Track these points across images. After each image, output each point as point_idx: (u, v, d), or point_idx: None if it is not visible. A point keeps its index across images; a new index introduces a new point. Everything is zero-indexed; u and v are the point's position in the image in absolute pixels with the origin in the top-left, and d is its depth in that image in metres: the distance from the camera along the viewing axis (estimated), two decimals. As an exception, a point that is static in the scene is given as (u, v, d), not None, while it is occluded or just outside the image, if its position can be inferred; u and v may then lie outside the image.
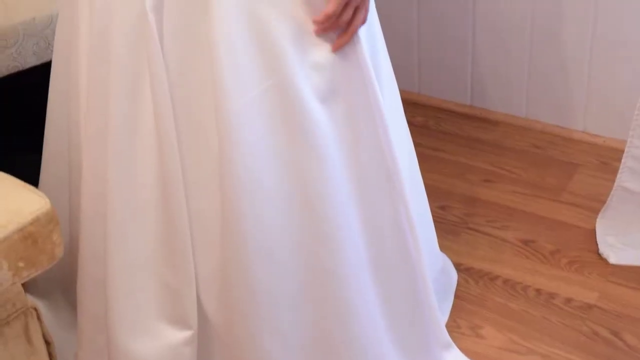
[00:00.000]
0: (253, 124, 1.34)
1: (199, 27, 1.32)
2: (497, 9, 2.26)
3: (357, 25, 1.34)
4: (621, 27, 2.13)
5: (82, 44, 1.42)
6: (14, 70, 1.95)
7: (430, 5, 2.34)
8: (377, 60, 1.46)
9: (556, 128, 2.32)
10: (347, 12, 1.33)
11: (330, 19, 1.32)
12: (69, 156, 1.56)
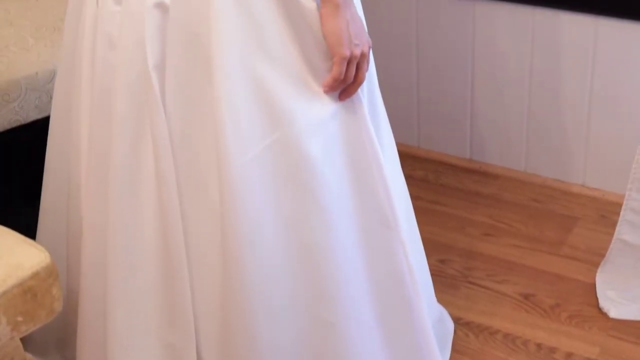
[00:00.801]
0: (255, 180, 1.35)
1: (200, 86, 1.33)
2: (495, 64, 2.28)
3: (361, 78, 1.36)
4: (619, 81, 2.14)
5: (83, 100, 1.43)
6: (15, 124, 1.96)
7: (429, 59, 2.37)
8: (375, 113, 1.48)
9: (555, 182, 2.33)
10: (351, 70, 1.34)
11: (337, 80, 1.34)
12: (68, 210, 1.56)
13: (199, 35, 1.31)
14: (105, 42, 1.37)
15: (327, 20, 1.30)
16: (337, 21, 1.30)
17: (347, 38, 1.31)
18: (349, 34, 1.31)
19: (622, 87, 2.15)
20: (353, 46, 1.32)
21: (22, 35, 2.01)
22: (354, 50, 1.32)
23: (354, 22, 1.32)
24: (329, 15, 1.30)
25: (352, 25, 1.31)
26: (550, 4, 2.13)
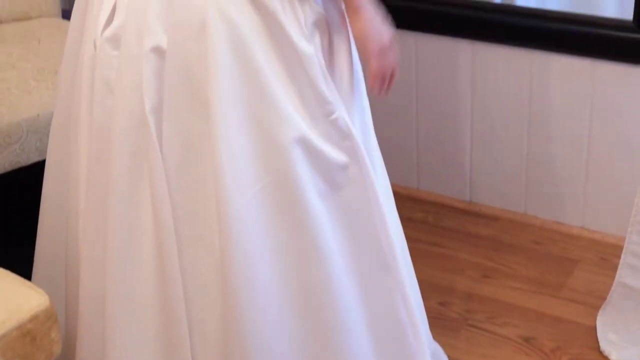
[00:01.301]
0: (253, 220, 1.35)
1: (197, 128, 1.34)
2: (494, 105, 2.29)
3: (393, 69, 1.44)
4: (617, 123, 2.15)
5: (81, 144, 1.44)
6: (16, 166, 1.97)
7: (428, 100, 2.38)
8: (369, 153, 1.48)
9: (555, 224, 2.33)
10: (386, 61, 1.42)
11: (377, 77, 1.42)
12: (66, 253, 1.56)
13: (195, 78, 1.32)
14: (103, 86, 1.37)
15: (352, 24, 1.39)
16: (360, 23, 1.38)
17: (373, 34, 1.39)
18: (373, 30, 1.39)
19: (620, 129, 2.16)
20: (380, 40, 1.40)
21: (24, 78, 2.03)
22: (382, 42, 1.40)
23: (376, 20, 1.40)
24: (353, 20, 1.39)
25: (374, 23, 1.39)
26: (548, 47, 2.15)
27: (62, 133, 1.52)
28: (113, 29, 1.34)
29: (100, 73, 1.36)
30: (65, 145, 1.51)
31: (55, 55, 2.12)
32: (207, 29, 1.29)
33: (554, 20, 2.12)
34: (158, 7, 1.30)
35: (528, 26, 2.15)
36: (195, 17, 1.29)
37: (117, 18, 1.34)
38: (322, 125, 1.37)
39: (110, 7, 1.35)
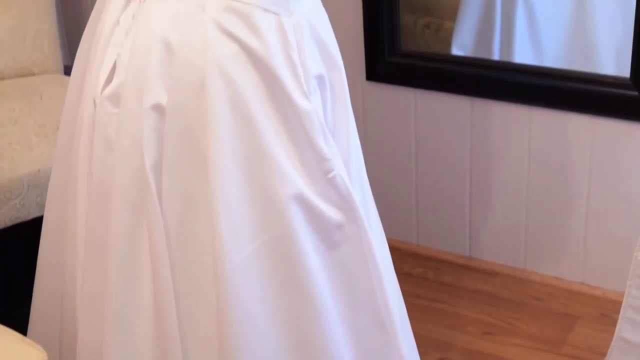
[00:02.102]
0: (250, 277, 1.35)
1: (196, 185, 1.34)
2: (493, 161, 2.30)
3: None
4: (616, 179, 2.16)
5: (79, 201, 1.44)
6: (17, 221, 1.97)
7: (427, 156, 2.39)
8: (366, 210, 1.49)
9: (554, 280, 2.32)
10: None
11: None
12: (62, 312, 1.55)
13: (195, 136, 1.33)
14: (103, 144, 1.38)
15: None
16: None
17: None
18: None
19: (619, 185, 2.16)
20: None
21: (26, 134, 2.04)
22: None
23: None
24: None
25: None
26: (547, 104, 2.17)
27: (60, 192, 1.53)
28: (113, 88, 1.35)
29: (100, 131, 1.37)
30: (63, 203, 1.52)
31: (57, 111, 2.13)
32: (206, 86, 1.30)
33: (552, 77, 2.14)
34: (158, 66, 1.31)
35: (526, 83, 2.17)
36: (195, 75, 1.30)
37: (117, 76, 1.35)
38: (320, 183, 1.38)
39: (110, 65, 1.36)
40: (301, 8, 1.35)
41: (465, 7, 2.27)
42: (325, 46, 1.40)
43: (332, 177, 1.38)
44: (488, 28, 2.25)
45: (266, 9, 1.30)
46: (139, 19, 1.33)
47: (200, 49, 1.29)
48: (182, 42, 1.30)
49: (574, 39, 2.17)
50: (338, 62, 1.42)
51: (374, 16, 2.26)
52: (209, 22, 1.29)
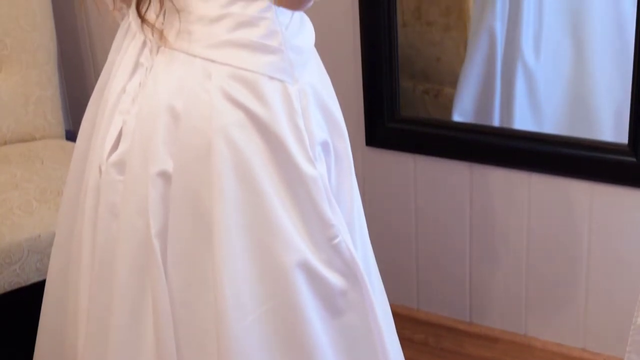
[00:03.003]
0: (253, 344, 1.34)
1: (202, 252, 1.34)
2: (493, 226, 2.31)
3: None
4: (616, 244, 2.16)
5: (83, 268, 1.44)
6: (16, 286, 1.96)
7: (427, 220, 2.39)
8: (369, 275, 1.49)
9: (555, 346, 2.31)
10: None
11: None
12: None
13: (201, 202, 1.33)
14: (108, 211, 1.38)
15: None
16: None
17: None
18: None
19: (619, 250, 2.16)
20: None
21: (27, 199, 2.04)
22: None
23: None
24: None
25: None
26: (546, 170, 2.18)
27: (62, 258, 1.53)
28: (119, 155, 1.36)
29: (105, 198, 1.38)
30: (65, 269, 1.51)
31: (58, 176, 2.14)
32: (212, 153, 1.31)
33: (550, 143, 2.15)
34: (164, 132, 1.32)
35: (525, 149, 2.18)
36: (200, 142, 1.31)
37: (123, 144, 1.36)
38: (325, 250, 1.38)
39: (117, 132, 1.37)
40: (306, 75, 1.37)
41: (466, 73, 2.29)
42: (330, 112, 1.42)
43: (337, 244, 1.38)
44: (488, 94, 2.27)
45: (272, 77, 1.32)
46: (146, 86, 1.35)
47: (206, 116, 1.30)
48: (188, 109, 1.31)
49: (574, 105, 2.19)
50: (342, 129, 1.44)
51: (374, 82, 2.28)
52: (215, 90, 1.30)
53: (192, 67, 1.31)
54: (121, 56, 1.40)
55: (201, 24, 1.31)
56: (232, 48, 1.30)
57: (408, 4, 2.31)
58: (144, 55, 1.37)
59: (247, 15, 1.29)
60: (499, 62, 2.23)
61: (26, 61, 2.31)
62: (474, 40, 2.26)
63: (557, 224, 2.22)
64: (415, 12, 2.33)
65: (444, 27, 2.33)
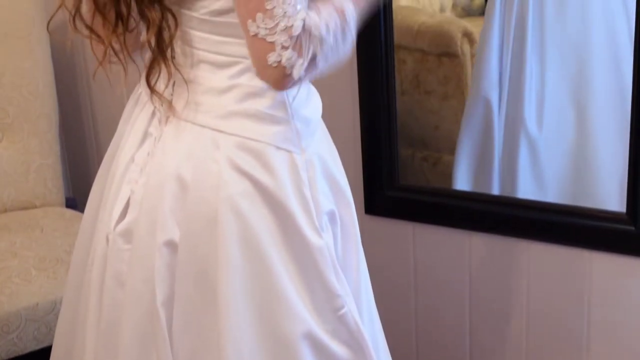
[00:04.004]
0: None
1: (207, 320, 1.34)
2: (492, 297, 2.30)
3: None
4: (615, 313, 2.16)
5: (89, 336, 1.43)
6: (12, 355, 1.95)
7: (427, 290, 2.39)
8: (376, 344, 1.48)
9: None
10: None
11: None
12: None
13: (206, 272, 1.33)
14: (114, 279, 1.38)
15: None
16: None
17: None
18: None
19: (618, 319, 2.16)
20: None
21: (26, 267, 2.04)
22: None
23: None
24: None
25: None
26: (545, 238, 2.18)
27: (69, 326, 1.52)
28: (126, 224, 1.37)
29: (111, 267, 1.38)
30: (71, 338, 1.51)
31: (58, 244, 2.13)
32: (218, 222, 1.31)
33: (549, 212, 2.16)
34: (172, 201, 1.33)
35: (524, 217, 2.19)
36: (207, 211, 1.32)
37: (131, 213, 1.37)
38: (331, 321, 1.37)
39: (124, 202, 1.38)
40: (313, 145, 1.38)
41: (462, 142, 2.31)
42: (336, 182, 1.43)
43: (343, 314, 1.38)
44: (486, 163, 2.28)
45: (279, 147, 1.33)
46: (154, 156, 1.36)
47: (214, 185, 1.31)
48: (196, 179, 1.32)
49: (576, 174, 2.21)
50: (348, 198, 1.45)
51: (373, 150, 2.29)
52: (223, 160, 1.31)
53: (201, 137, 1.32)
54: (130, 126, 1.42)
55: (209, 95, 1.32)
56: (240, 118, 1.32)
57: (406, 72, 2.34)
58: (153, 125, 1.38)
59: (255, 87, 1.30)
60: (497, 132, 2.25)
61: (28, 129, 2.33)
62: (470, 109, 2.29)
63: (557, 292, 2.22)
64: (414, 80, 2.36)
65: (442, 96, 2.35)
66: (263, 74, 1.24)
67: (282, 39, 1.21)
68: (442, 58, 2.32)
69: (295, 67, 1.22)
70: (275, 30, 1.20)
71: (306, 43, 1.23)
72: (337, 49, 1.27)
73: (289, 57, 1.21)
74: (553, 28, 2.15)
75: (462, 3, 2.41)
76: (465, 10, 2.42)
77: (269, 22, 1.20)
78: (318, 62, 1.25)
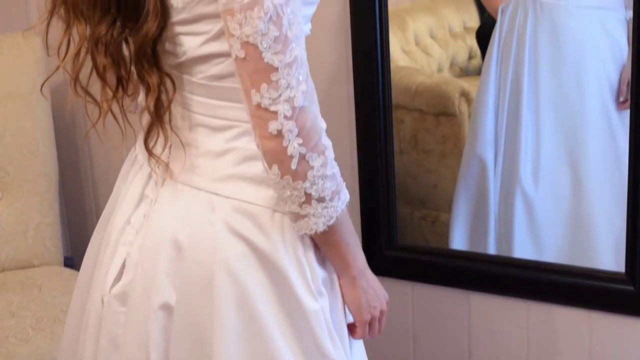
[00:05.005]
0: None
1: None
2: (492, 355, 2.29)
3: (381, 329, 1.44)
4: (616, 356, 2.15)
5: None
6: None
7: (425, 349, 2.37)
8: None
9: None
10: (374, 326, 1.43)
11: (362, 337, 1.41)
12: None
13: (202, 335, 1.32)
14: (109, 342, 1.38)
15: (346, 291, 1.39)
16: (354, 292, 1.39)
17: (365, 305, 1.39)
18: (367, 300, 1.39)
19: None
20: (372, 309, 1.41)
21: (23, 327, 2.03)
22: (372, 313, 1.41)
23: (370, 287, 1.40)
24: (348, 287, 1.39)
25: (369, 292, 1.40)
26: (544, 298, 2.18)
27: None
28: (121, 287, 1.37)
29: (106, 329, 1.37)
30: None
31: (55, 303, 2.13)
32: (214, 286, 1.31)
33: (548, 271, 2.16)
34: (167, 264, 1.33)
35: (522, 277, 2.19)
36: (203, 274, 1.32)
37: (126, 275, 1.37)
38: None
39: (120, 264, 1.38)
40: None
41: (458, 200, 2.32)
42: None
43: (338, 379, 1.37)
44: (482, 222, 2.29)
45: (275, 210, 1.33)
46: (150, 218, 1.36)
47: (210, 249, 1.31)
48: (192, 242, 1.32)
49: (573, 233, 2.21)
50: None
51: (371, 210, 2.30)
52: (219, 223, 1.31)
53: (197, 200, 1.33)
54: (127, 187, 1.42)
55: (206, 158, 1.33)
56: (237, 181, 1.32)
57: (405, 132, 2.35)
58: (149, 187, 1.39)
59: (252, 150, 1.31)
60: (492, 190, 2.26)
61: (27, 188, 2.34)
62: (465, 168, 2.30)
63: (557, 352, 2.21)
64: (412, 140, 2.37)
65: (441, 155, 2.37)
66: (262, 143, 1.25)
67: (285, 109, 1.22)
68: (440, 118, 2.34)
69: (292, 141, 1.23)
70: (279, 100, 1.22)
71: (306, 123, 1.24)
72: (326, 172, 1.28)
73: (289, 129, 1.22)
74: (548, 89, 2.17)
75: (459, 63, 2.43)
76: (462, 70, 2.44)
77: (273, 92, 1.21)
78: (309, 159, 1.25)
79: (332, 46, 2.25)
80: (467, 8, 2.42)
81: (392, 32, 2.19)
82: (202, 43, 1.28)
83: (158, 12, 1.25)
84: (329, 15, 2.22)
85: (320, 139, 1.26)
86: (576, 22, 2.15)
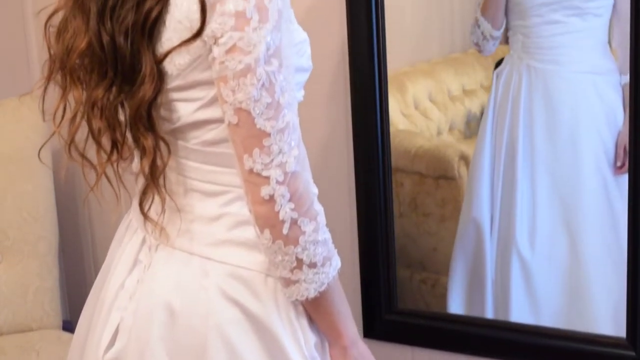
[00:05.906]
0: None
1: None
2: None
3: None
4: None
5: None
6: None
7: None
8: None
9: None
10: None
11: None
12: None
13: None
14: None
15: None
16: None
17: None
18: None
19: None
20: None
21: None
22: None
23: (362, 358, 1.40)
24: (338, 357, 1.38)
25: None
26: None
27: None
28: (115, 353, 1.36)
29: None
30: None
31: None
32: (207, 351, 1.31)
33: (547, 336, 2.14)
34: (161, 330, 1.33)
35: (522, 342, 2.17)
36: (196, 340, 1.32)
37: (120, 341, 1.36)
38: None
39: (113, 329, 1.38)
40: None
41: (456, 263, 2.32)
42: None
43: None
44: (479, 286, 2.28)
45: (267, 274, 1.33)
46: (144, 283, 1.36)
47: (203, 314, 1.31)
48: (185, 307, 1.32)
49: (570, 297, 2.20)
50: None
51: (371, 274, 2.29)
52: (212, 288, 1.31)
53: (190, 265, 1.33)
54: (121, 252, 1.43)
55: (200, 223, 1.34)
56: (230, 246, 1.33)
57: (404, 195, 2.36)
58: (143, 252, 1.39)
59: (245, 215, 1.31)
60: (488, 254, 2.26)
61: (27, 252, 2.34)
62: (462, 231, 2.30)
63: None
64: (411, 203, 2.38)
65: (440, 218, 2.37)
66: (254, 207, 1.26)
67: (277, 174, 1.23)
68: (440, 181, 2.35)
69: (284, 206, 1.24)
70: (271, 165, 1.23)
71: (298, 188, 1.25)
72: (318, 237, 1.28)
73: (282, 193, 1.23)
74: (543, 153, 2.18)
75: (458, 126, 2.45)
76: (462, 133, 2.46)
77: (265, 158, 1.22)
78: (300, 224, 1.26)
79: (332, 109, 2.26)
80: (465, 71, 2.44)
81: (391, 95, 2.20)
82: (197, 109, 1.30)
83: (154, 76, 1.27)
84: (329, 79, 2.24)
85: (312, 205, 1.26)
86: (570, 87, 2.16)
